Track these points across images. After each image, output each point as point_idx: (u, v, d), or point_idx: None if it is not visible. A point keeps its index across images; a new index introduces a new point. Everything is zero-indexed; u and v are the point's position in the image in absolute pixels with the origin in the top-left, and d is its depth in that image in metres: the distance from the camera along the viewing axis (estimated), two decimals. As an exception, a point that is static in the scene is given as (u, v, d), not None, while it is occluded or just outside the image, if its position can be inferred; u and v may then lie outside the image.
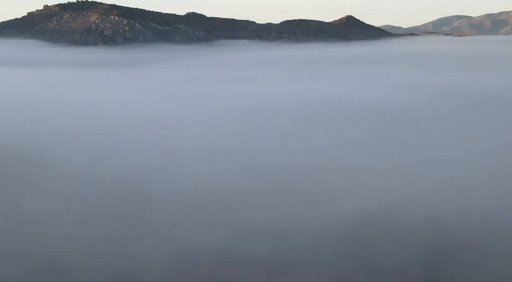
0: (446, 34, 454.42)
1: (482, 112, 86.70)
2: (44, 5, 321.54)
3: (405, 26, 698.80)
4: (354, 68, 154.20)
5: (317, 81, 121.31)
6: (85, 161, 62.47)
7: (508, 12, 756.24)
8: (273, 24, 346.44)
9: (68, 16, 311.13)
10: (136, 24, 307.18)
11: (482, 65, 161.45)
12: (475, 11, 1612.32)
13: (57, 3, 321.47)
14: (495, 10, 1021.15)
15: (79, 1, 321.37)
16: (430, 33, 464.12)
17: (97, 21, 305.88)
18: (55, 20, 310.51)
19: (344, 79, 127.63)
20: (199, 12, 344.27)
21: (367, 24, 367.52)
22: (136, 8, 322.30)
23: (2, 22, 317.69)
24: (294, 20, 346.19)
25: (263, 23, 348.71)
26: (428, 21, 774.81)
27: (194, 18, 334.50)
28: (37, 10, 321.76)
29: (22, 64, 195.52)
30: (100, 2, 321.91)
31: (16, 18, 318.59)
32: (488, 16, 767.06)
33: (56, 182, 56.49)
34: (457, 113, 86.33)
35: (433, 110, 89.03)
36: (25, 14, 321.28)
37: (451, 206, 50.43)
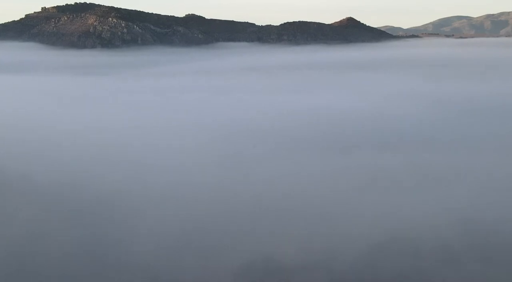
0: (447, 36, 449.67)
1: (490, 126, 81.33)
2: (42, 7, 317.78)
3: (405, 27, 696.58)
4: (353, 75, 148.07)
5: (313, 92, 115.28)
6: (57, 175, 58.86)
7: (508, 13, 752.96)
8: (273, 26, 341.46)
9: (66, 18, 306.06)
10: (135, 26, 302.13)
11: (486, 72, 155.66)
12: (476, 11, 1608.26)
13: (55, 5, 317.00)
14: (495, 11, 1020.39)
15: (77, 3, 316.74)
16: (431, 34, 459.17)
17: (95, 24, 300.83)
18: (53, 23, 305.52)
19: (342, 89, 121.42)
20: (198, 14, 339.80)
21: (368, 26, 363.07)
22: (135, 10, 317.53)
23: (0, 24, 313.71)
24: (294, 22, 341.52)
25: (263, 25, 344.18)
26: (429, 21, 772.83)
27: (193, 20, 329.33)
28: (35, 12, 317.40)
29: (15, 69, 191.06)
30: (99, 4, 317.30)
31: (14, 21, 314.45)
32: (489, 16, 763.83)
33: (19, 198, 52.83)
34: (464, 128, 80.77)
35: (437, 126, 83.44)
36: (23, 16, 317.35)
37: (465, 234, 46.24)
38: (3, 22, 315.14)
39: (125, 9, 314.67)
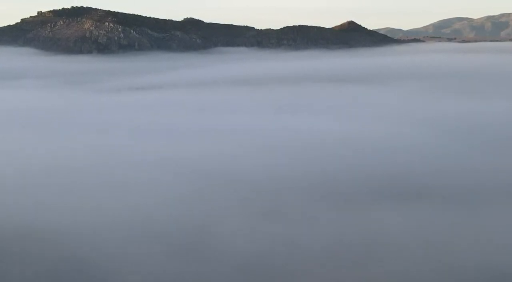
0: (449, 39, 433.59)
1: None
2: (38, 12, 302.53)
3: (405, 28, 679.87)
4: (355, 90, 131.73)
5: (308, 113, 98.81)
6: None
7: (509, 14, 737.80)
8: (272, 30, 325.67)
9: (62, 23, 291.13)
10: (131, 31, 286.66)
11: (497, 86, 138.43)
12: (476, 13, 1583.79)
13: (51, 10, 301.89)
14: (495, 12, 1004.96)
15: (73, 8, 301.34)
16: (432, 37, 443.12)
17: (91, 28, 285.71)
18: (49, 27, 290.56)
19: (341, 108, 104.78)
20: (196, 17, 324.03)
21: (369, 30, 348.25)
22: (132, 14, 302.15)
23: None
24: (294, 26, 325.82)
25: (263, 28, 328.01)
26: (429, 23, 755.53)
27: (191, 25, 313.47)
28: (30, 16, 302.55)
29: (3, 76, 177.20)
30: (95, 8, 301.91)
31: (10, 25, 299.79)
32: (489, 18, 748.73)
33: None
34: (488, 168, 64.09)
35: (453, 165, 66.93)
36: (19, 20, 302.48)
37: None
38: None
39: (122, 13, 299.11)
